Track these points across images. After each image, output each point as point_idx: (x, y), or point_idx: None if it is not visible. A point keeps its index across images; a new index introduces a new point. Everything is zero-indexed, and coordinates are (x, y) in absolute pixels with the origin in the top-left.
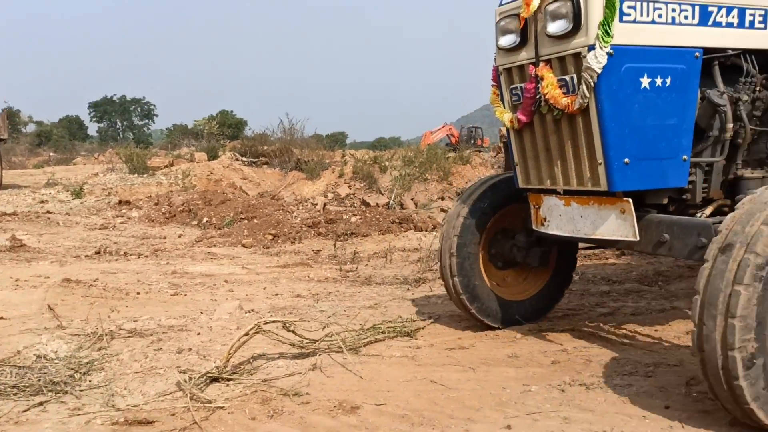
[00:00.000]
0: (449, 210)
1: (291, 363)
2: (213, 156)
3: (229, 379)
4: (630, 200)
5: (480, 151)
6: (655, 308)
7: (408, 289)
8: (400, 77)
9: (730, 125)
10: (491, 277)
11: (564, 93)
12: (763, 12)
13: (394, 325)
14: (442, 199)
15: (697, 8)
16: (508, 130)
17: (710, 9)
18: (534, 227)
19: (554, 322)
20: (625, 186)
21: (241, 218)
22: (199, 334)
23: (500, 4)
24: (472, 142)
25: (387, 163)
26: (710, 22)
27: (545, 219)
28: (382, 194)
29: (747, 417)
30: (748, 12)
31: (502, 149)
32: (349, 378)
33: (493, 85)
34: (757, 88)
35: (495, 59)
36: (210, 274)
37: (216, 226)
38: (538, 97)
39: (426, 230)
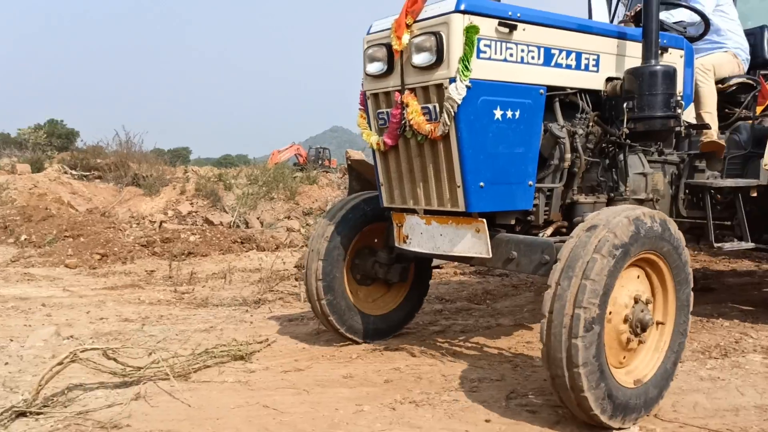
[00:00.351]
0: (313, 233)
1: (111, 393)
2: (38, 168)
3: (38, 413)
4: (484, 220)
5: (327, 172)
6: (482, 325)
7: (246, 310)
8: (249, 95)
9: (569, 155)
10: (355, 294)
11: (427, 120)
12: (596, 57)
13: (228, 349)
14: (289, 218)
15: (542, 50)
16: (374, 151)
17: (553, 51)
18: (396, 244)
19: (389, 340)
20: (480, 207)
21: (65, 236)
22: (7, 363)
23: (368, 33)
24: (320, 162)
25: (232, 181)
26: (553, 63)
27: (407, 237)
28: (227, 212)
29: (580, 409)
30: (584, 56)
31: (347, 171)
32: (176, 407)
33: (360, 109)
34: (591, 124)
35: (363, 84)
36: (25, 297)
37: (36, 244)
38: (403, 122)
39: (269, 250)
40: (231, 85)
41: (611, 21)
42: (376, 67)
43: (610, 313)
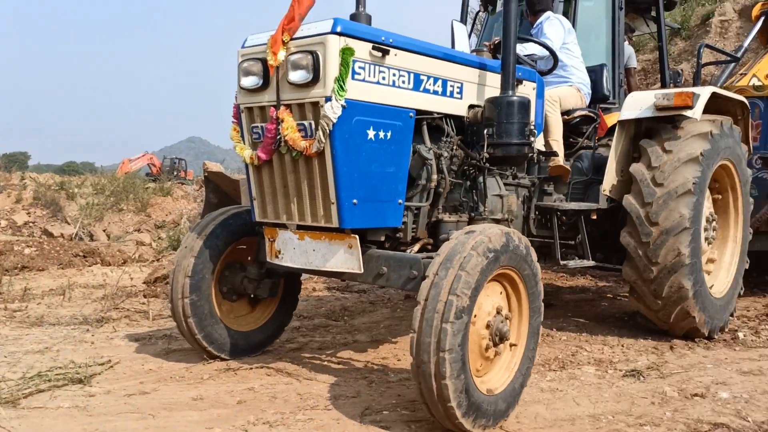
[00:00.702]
0: (179, 249)
1: None
2: None
3: None
4: (357, 237)
5: (183, 184)
6: (339, 342)
7: (87, 330)
8: (98, 99)
9: (435, 176)
10: (223, 310)
11: (303, 137)
12: (460, 85)
13: (64, 372)
14: (139, 231)
15: (412, 75)
16: (246, 165)
17: (422, 77)
18: (268, 259)
19: (244, 360)
20: (353, 224)
21: None
22: None
23: (243, 46)
24: (175, 173)
25: (76, 190)
26: (421, 89)
27: (280, 251)
28: (69, 224)
29: (447, 418)
30: (449, 83)
31: (203, 184)
32: None
33: (233, 122)
34: (454, 147)
35: (236, 98)
36: None
37: None
38: (278, 137)
39: (115, 265)
40: (77, 88)
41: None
42: (251, 81)
43: (475, 316)
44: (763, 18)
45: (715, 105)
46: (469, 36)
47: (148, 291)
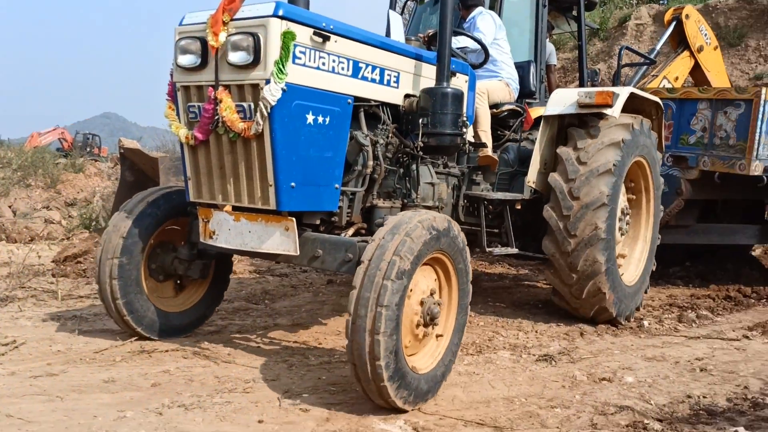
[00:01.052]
0: (107, 229)
1: None
2: None
3: None
4: (294, 219)
5: (96, 161)
6: (259, 325)
7: None
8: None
9: (371, 162)
10: (152, 291)
11: (241, 118)
12: (397, 74)
13: None
14: (48, 208)
15: (351, 63)
16: (182, 145)
17: (360, 65)
18: (202, 240)
19: (158, 342)
20: (290, 207)
21: None
22: None
23: (180, 24)
24: (88, 149)
25: None
26: (360, 76)
27: (214, 232)
28: None
29: (380, 396)
30: (386, 72)
31: (119, 161)
32: None
33: (168, 100)
34: (390, 135)
35: (172, 75)
36: None
37: None
38: (216, 118)
39: (21, 242)
40: None
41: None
42: (188, 60)
43: (411, 290)
44: (674, 23)
45: (632, 104)
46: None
47: (57, 270)
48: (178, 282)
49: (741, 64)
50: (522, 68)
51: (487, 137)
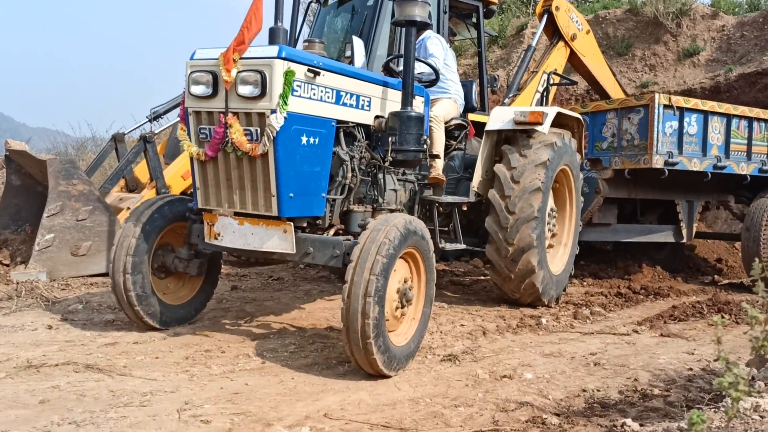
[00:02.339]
0: (119, 231)
1: None
2: None
3: None
4: (292, 223)
5: None
6: (158, 336)
7: None
8: None
9: (349, 174)
10: (156, 286)
11: (248, 140)
12: (369, 99)
13: None
14: None
15: (334, 92)
16: (192, 159)
17: (342, 93)
18: (207, 240)
19: (48, 356)
20: (289, 213)
21: None
22: None
23: (192, 59)
24: None
25: None
26: (341, 103)
27: (219, 234)
28: None
29: (371, 367)
30: (361, 98)
31: (4, 164)
32: None
33: (180, 122)
34: (363, 150)
35: (184, 101)
36: None
37: None
38: (226, 139)
39: None
40: None
41: (367, 65)
42: (200, 90)
43: (390, 280)
44: (546, 15)
45: (557, 119)
46: (301, 27)
47: None
48: (178, 278)
49: (628, 73)
50: (465, 86)
51: (439, 160)
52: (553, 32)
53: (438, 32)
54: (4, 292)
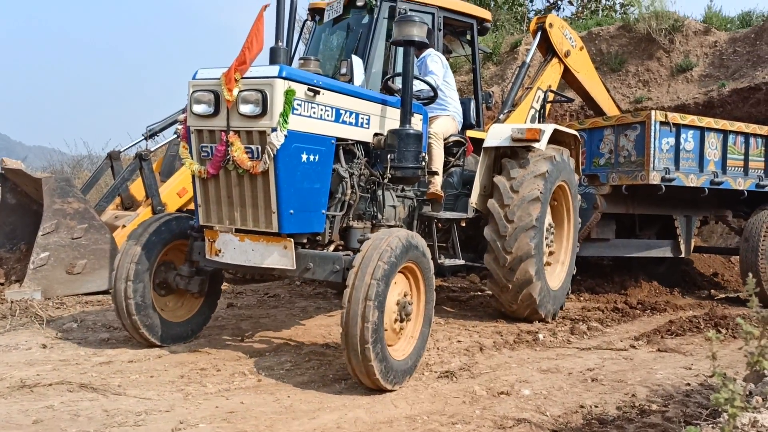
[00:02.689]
0: (119, 255)
1: None
2: None
3: None
4: (292, 239)
5: None
6: (153, 354)
7: None
8: None
9: (348, 191)
10: (156, 302)
11: (249, 158)
12: (368, 117)
13: None
14: None
15: (334, 110)
16: (194, 177)
17: (341, 112)
18: (208, 257)
19: (42, 375)
20: (290, 229)
21: None
22: None
23: (194, 78)
24: None
25: None
26: (340, 121)
27: (220, 250)
28: None
29: (367, 375)
30: (360, 116)
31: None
32: None
33: (182, 139)
34: (362, 167)
35: (187, 120)
36: None
37: None
38: (227, 157)
39: None
40: None
41: (366, 82)
42: (202, 109)
43: (389, 297)
44: (539, 32)
45: (554, 136)
46: (297, 44)
47: None
48: (179, 296)
49: (622, 88)
50: (464, 104)
51: (438, 176)
52: (547, 49)
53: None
54: None
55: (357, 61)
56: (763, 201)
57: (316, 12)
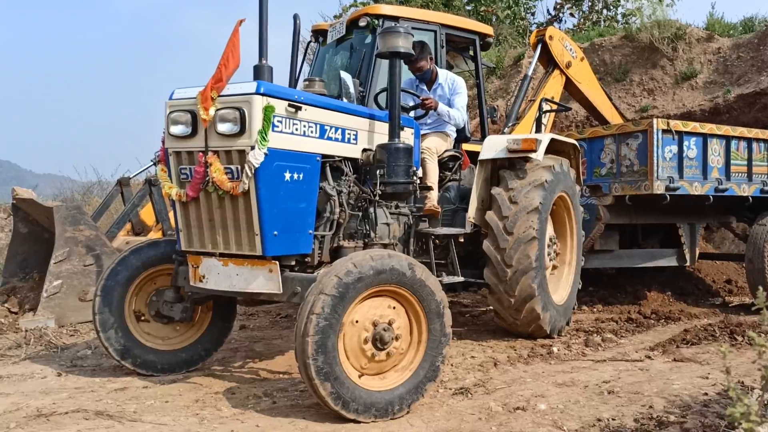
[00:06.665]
0: (98, 284)
1: None
2: None
3: None
4: (277, 262)
5: None
6: (167, 379)
7: None
8: None
9: (337, 210)
10: (147, 333)
11: (229, 179)
12: (355, 132)
13: None
14: None
15: (318, 126)
16: (173, 201)
17: (326, 127)
18: (192, 283)
19: (58, 403)
20: (274, 252)
21: None
22: None
23: (171, 98)
24: None
25: None
26: (326, 137)
27: (204, 276)
28: None
29: (312, 391)
30: (347, 132)
31: (11, 212)
32: None
33: (159, 163)
34: (351, 184)
35: (164, 142)
36: None
37: None
38: (207, 178)
39: None
40: None
41: (366, 101)
42: (179, 129)
43: (357, 321)
44: (540, 45)
45: (553, 146)
46: (301, 65)
47: None
48: (175, 323)
49: (627, 98)
50: None
51: (434, 191)
52: (548, 61)
53: (437, 66)
54: (13, 340)
55: (346, 77)
56: (767, 206)
57: (319, 33)
